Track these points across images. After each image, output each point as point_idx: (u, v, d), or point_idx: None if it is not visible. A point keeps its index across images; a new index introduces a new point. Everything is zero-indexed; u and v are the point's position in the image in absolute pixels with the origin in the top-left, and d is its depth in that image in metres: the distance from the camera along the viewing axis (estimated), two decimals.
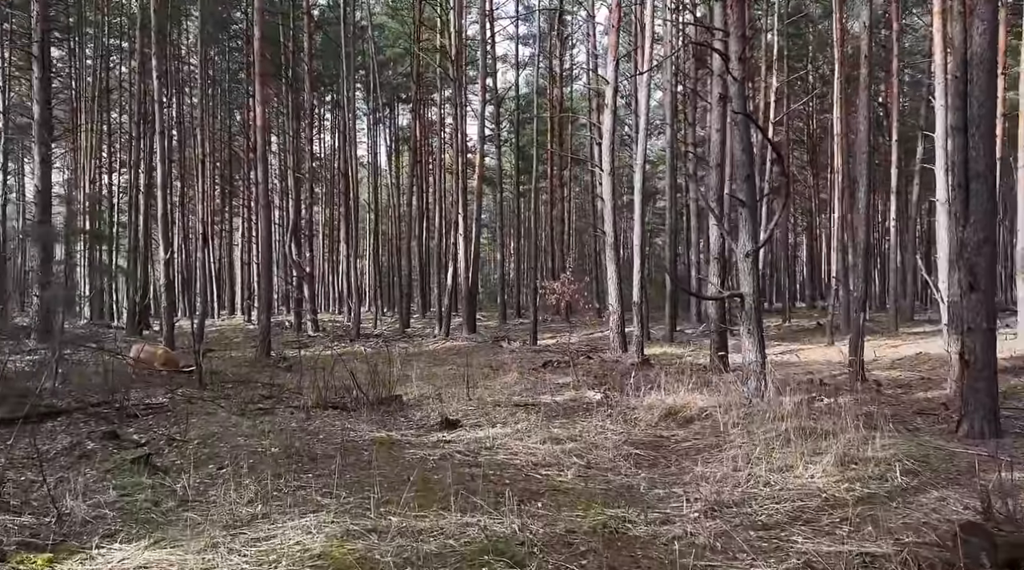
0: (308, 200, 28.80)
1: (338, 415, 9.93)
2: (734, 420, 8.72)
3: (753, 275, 10.20)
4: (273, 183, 46.69)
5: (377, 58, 29.22)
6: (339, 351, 17.85)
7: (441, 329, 23.41)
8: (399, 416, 10.04)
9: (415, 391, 11.94)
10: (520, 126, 33.44)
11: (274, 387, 12.15)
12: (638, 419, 9.20)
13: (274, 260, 44.50)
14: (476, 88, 36.81)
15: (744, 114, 9.32)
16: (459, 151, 24.46)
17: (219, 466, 6.98)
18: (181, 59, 39.68)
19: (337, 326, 29.69)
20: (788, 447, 7.43)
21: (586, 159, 43.77)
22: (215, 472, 6.81)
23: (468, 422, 9.52)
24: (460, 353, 18.15)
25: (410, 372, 13.03)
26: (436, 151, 45.76)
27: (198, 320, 21.42)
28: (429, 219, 38.45)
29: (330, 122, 47.75)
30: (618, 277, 17.27)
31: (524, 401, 10.99)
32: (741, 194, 10.14)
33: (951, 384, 11.11)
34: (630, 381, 13.09)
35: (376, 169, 41.11)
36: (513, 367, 15.01)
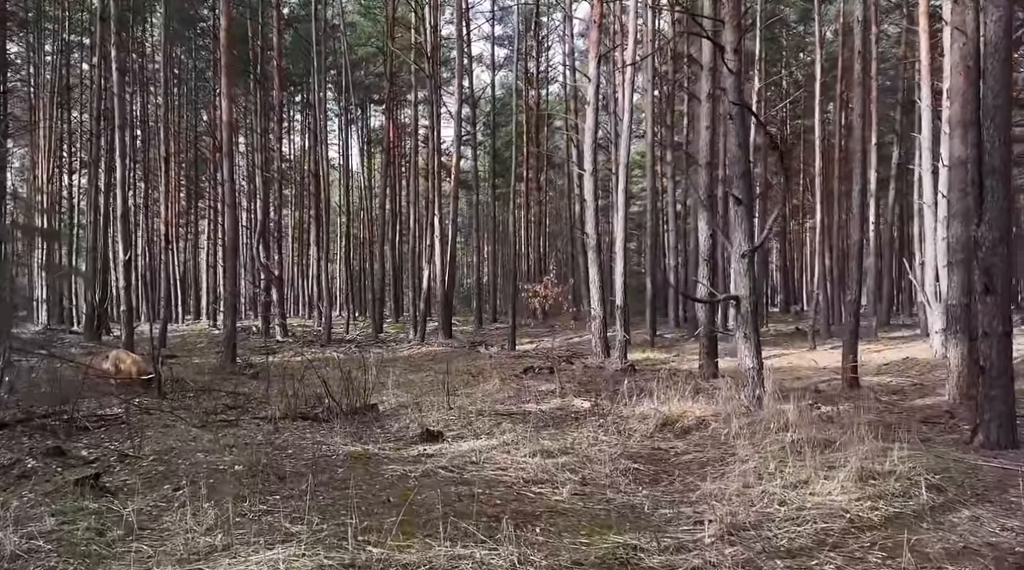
0: (277, 201, 27.92)
1: (309, 427, 9.23)
2: (735, 431, 8.18)
3: (749, 276, 9.68)
4: (241, 185, 45.68)
5: (349, 57, 28.45)
6: (309, 357, 17.07)
7: (416, 334, 22.69)
8: (375, 427, 9.36)
9: (392, 400, 11.27)
10: (496, 128, 32.85)
11: (239, 396, 11.40)
12: (632, 430, 8.62)
13: (241, 263, 43.44)
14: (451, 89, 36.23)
15: (742, 105, 8.80)
16: (434, 150, 23.79)
17: (175, 486, 6.25)
18: (146, 57, 38.55)
19: (307, 331, 28.80)
20: (799, 460, 6.90)
21: (562, 162, 43.33)
22: (170, 494, 6.09)
23: (450, 433, 8.88)
24: (437, 359, 17.46)
25: (386, 379, 12.34)
26: (410, 153, 45.02)
27: (160, 325, 20.53)
28: (402, 222, 37.68)
29: (300, 123, 46.79)
30: (600, 280, 16.72)
31: (508, 410, 10.37)
32: (737, 191, 9.63)
33: (950, 390, 10.72)
34: (618, 388, 12.55)
35: (348, 171, 40.26)
36: (493, 373, 14.38)
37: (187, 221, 42.42)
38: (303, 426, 9.24)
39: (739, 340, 9.77)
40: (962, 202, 10.55)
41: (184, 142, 40.31)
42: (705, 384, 12.19)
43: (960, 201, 10.55)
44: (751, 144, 13.07)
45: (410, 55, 25.52)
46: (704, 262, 12.84)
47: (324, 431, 8.94)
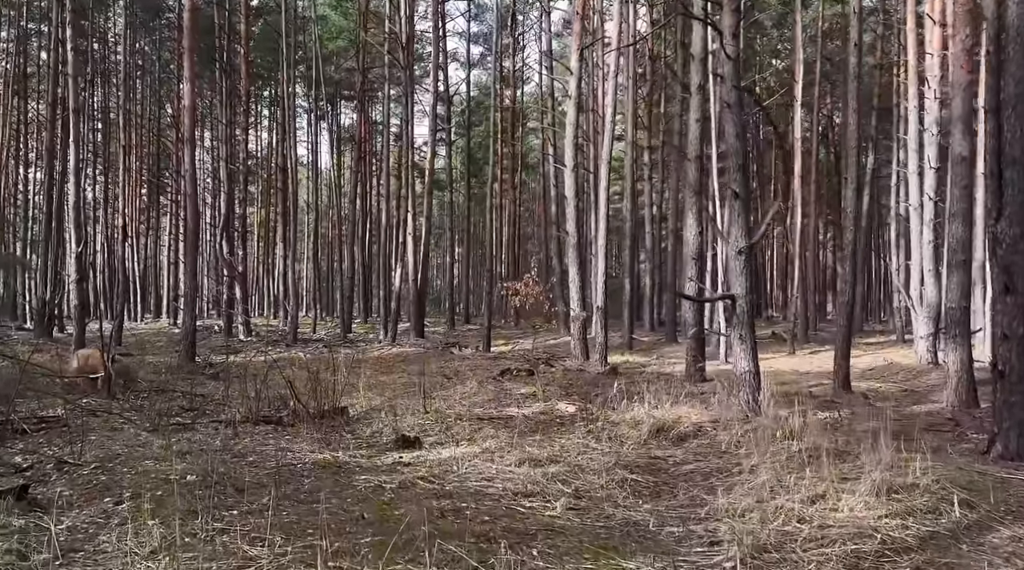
0: (243, 196, 26.93)
1: (272, 431, 8.47)
2: (736, 438, 7.61)
3: (746, 275, 9.14)
4: (205, 182, 44.41)
5: (320, 50, 27.55)
6: (274, 357, 16.24)
7: (387, 334, 21.90)
8: (345, 432, 8.63)
9: (363, 402, 10.54)
10: (469, 128, 32.21)
11: (196, 397, 10.57)
12: (624, 436, 8.01)
13: (204, 260, 42.17)
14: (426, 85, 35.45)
15: (746, 91, 8.27)
16: (408, 145, 23.04)
17: (117, 499, 5.49)
18: (108, 46, 37.26)
19: (272, 330, 27.84)
20: (812, 472, 6.33)
21: (536, 163, 42.77)
22: (111, 508, 5.33)
23: (428, 439, 8.19)
24: (409, 360, 16.72)
25: (356, 381, 11.58)
26: (381, 150, 44.15)
27: (115, 321, 19.54)
28: (372, 220, 36.84)
29: (267, 119, 45.68)
30: (581, 280, 16.13)
31: (489, 414, 9.70)
32: (735, 184, 9.09)
33: (948, 396, 10.30)
34: (603, 392, 11.95)
35: (317, 168, 39.37)
36: (470, 375, 13.72)
37: (148, 217, 41.10)
38: (266, 431, 8.49)
39: (734, 341, 9.23)
40: (963, 201, 10.13)
41: (147, 135, 39.04)
42: (694, 388, 11.66)
43: (961, 200, 10.13)
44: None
45: (384, 46, 24.73)
46: (692, 260, 12.31)
47: (289, 436, 8.20)
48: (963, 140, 10.04)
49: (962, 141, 10.04)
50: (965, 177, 10.05)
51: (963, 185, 10.04)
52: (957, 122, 10.06)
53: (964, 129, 10.04)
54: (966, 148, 10.03)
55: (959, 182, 10.06)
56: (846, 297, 11.46)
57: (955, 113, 10.12)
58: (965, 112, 10.03)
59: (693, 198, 12.31)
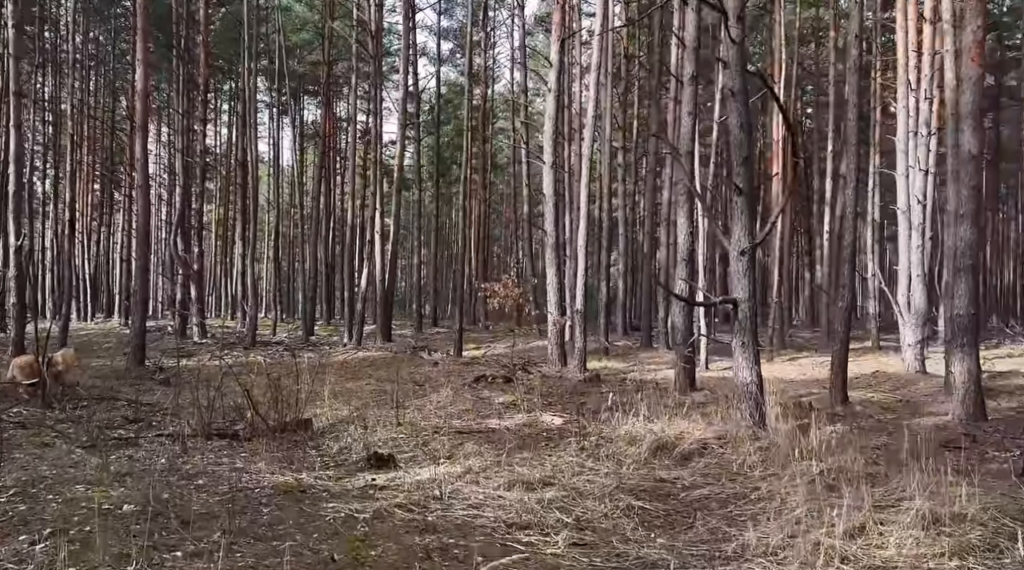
0: (199, 190, 25.68)
1: (226, 448, 7.54)
2: (747, 458, 6.90)
3: (749, 277, 8.46)
4: (161, 178, 42.79)
5: (283, 42, 26.43)
6: (230, 361, 15.20)
7: (351, 337, 20.91)
8: (310, 448, 7.74)
9: (328, 413, 9.62)
10: (439, 125, 31.30)
11: (142, 407, 9.55)
12: (622, 454, 7.24)
13: (158, 257, 40.58)
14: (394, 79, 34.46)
15: (756, 75, 7.57)
16: (377, 139, 22.08)
17: (34, 538, 4.55)
18: (60, 35, 35.57)
19: (229, 332, 26.58)
20: (838, 498, 5.63)
21: (506, 163, 41.97)
22: (25, 550, 4.40)
23: (403, 456, 7.34)
24: (376, 365, 15.79)
25: (320, 388, 10.64)
26: (346, 147, 42.97)
27: (60, 321, 18.33)
28: (336, 219, 35.71)
29: (227, 114, 44.21)
30: (559, 282, 15.38)
31: (468, 427, 8.87)
32: (739, 179, 8.39)
33: (955, 408, 9.73)
34: (588, 401, 11.19)
35: (278, 165, 38.06)
36: (443, 382, 12.86)
37: (101, 213, 39.39)
38: (219, 447, 7.55)
39: (735, 349, 8.53)
40: (971, 202, 9.57)
41: (101, 128, 37.40)
42: (686, 398, 10.96)
43: (969, 201, 9.57)
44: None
45: (351, 37, 23.73)
46: (683, 261, 11.62)
47: (246, 454, 7.28)
48: (972, 137, 9.48)
49: (971, 138, 9.48)
50: (974, 176, 9.51)
51: (972, 185, 9.49)
52: (967, 118, 9.51)
53: (974, 125, 9.49)
54: (975, 145, 9.48)
55: (967, 182, 9.50)
56: (845, 303, 10.87)
57: (964, 108, 9.57)
58: (975, 107, 9.48)
59: (684, 196, 11.64)
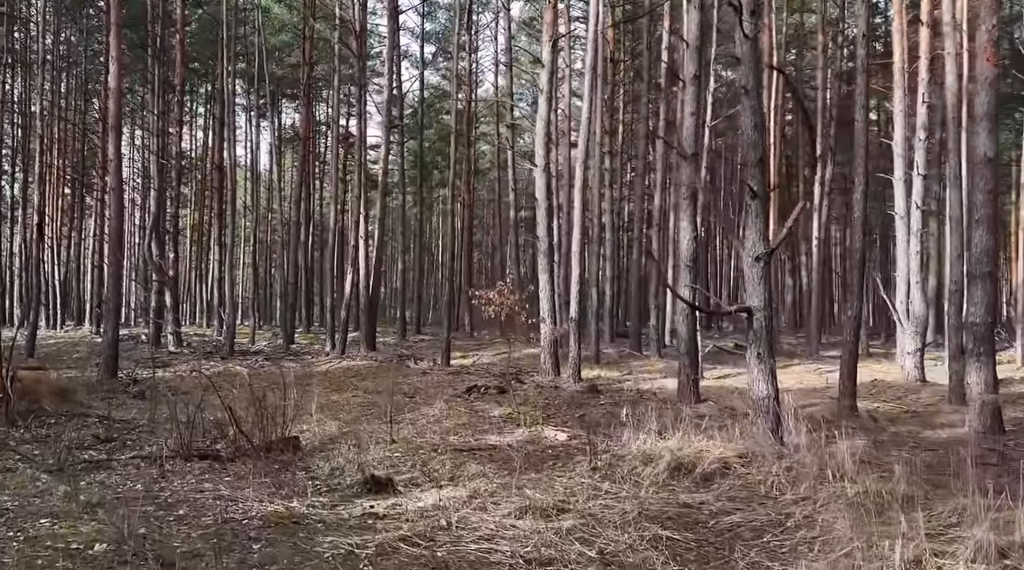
0: (175, 193, 24.89)
1: (208, 470, 6.95)
2: (773, 479, 6.44)
3: (764, 284, 8.03)
4: (134, 181, 41.77)
5: (262, 42, 25.74)
6: (209, 372, 14.54)
7: (335, 346, 20.25)
8: (299, 471, 7.16)
9: (315, 429, 9.03)
10: (422, 129, 30.76)
11: (115, 424, 8.90)
12: (638, 475, 6.76)
13: (131, 263, 39.54)
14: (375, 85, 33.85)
15: (776, 70, 7.12)
16: (362, 142, 21.46)
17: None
18: (31, 36, 34.55)
19: (205, 341, 25.79)
20: (883, 525, 5.19)
21: (487, 169, 41.48)
22: None
23: (401, 478, 6.79)
24: (362, 375, 15.19)
25: (306, 401, 10.05)
26: (326, 151, 42.27)
27: (28, 329, 17.56)
28: (315, 225, 34.99)
29: (203, 118, 43.31)
30: (551, 289, 14.88)
31: (467, 443, 8.33)
32: (753, 181, 7.96)
33: (973, 421, 9.36)
34: (589, 414, 10.71)
35: (256, 170, 37.17)
36: (433, 394, 12.33)
37: (72, 217, 38.32)
38: (201, 469, 6.96)
39: (750, 360, 8.09)
40: (987, 206, 9.23)
41: (72, 131, 36.39)
42: (690, 410, 10.51)
43: (985, 205, 9.23)
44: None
45: (334, 36, 23.10)
46: (686, 268, 11.18)
47: (230, 477, 6.69)
48: (988, 139, 9.15)
49: (987, 140, 9.16)
50: (990, 180, 9.16)
51: (988, 189, 9.15)
52: (983, 119, 9.18)
53: (990, 127, 9.15)
54: (991, 148, 9.15)
55: (983, 186, 9.16)
56: (854, 311, 10.48)
57: (979, 109, 9.24)
58: (991, 108, 9.14)
59: (688, 199, 11.21)
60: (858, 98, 10.85)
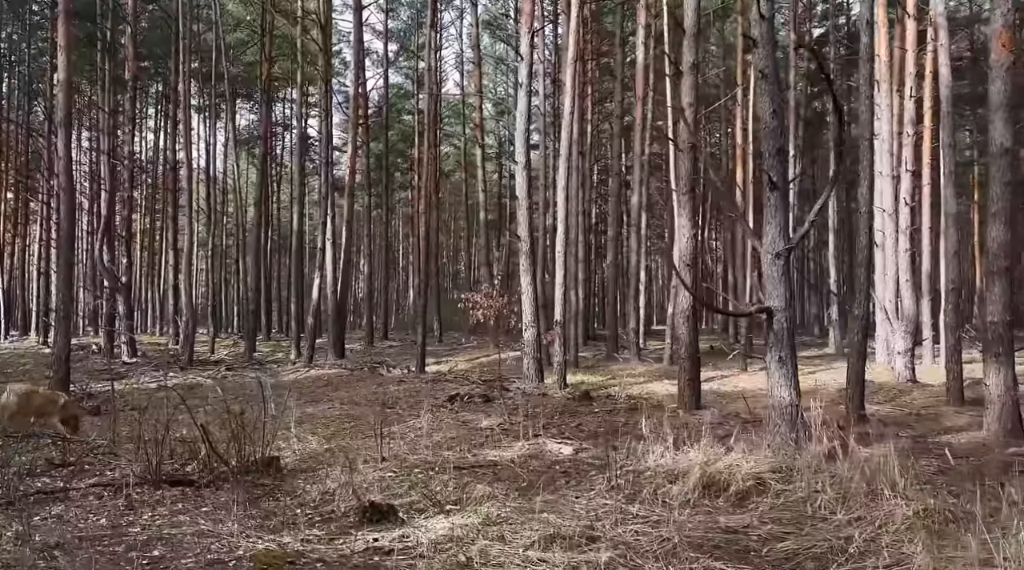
0: (127, 195, 23.64)
1: (182, 498, 6.14)
2: (820, 496, 5.85)
3: (785, 283, 7.50)
4: (83, 185, 39.99)
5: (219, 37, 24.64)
6: (170, 383, 13.57)
7: (301, 354, 19.30)
8: (283, 496, 6.38)
9: (295, 446, 8.24)
10: (387, 129, 29.93)
11: (70, 445, 7.98)
12: (665, 494, 6.13)
13: (82, 268, 37.78)
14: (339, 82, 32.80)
15: (806, 48, 6.48)
16: (327, 139, 20.57)
17: None
18: None
19: (162, 350, 24.52)
20: (955, 551, 4.65)
21: (451, 170, 40.74)
22: None
23: (400, 502, 6.06)
24: (334, 385, 14.34)
25: (282, 415, 9.21)
26: (282, 152, 41.08)
27: None
28: (274, 228, 33.82)
29: (154, 119, 41.76)
30: (535, 291, 14.22)
31: (465, 460, 7.63)
32: (772, 172, 7.43)
33: (991, 424, 8.97)
34: (581, 423, 10.08)
35: (211, 172, 35.89)
36: (415, 404, 11.57)
37: (16, 223, 36.50)
38: (173, 498, 6.14)
39: (771, 364, 7.55)
40: (1004, 199, 8.85)
41: (15, 133, 34.65)
42: (692, 417, 9.95)
43: (1002, 198, 8.84)
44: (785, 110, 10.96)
45: (295, 31, 22.16)
46: (686, 267, 10.63)
47: (207, 507, 5.90)
48: (1004, 129, 8.78)
49: (1003, 130, 8.79)
50: (1007, 172, 8.79)
51: (1004, 181, 8.78)
52: (998, 109, 8.81)
53: (1006, 116, 8.78)
54: (1008, 138, 8.78)
55: (1000, 177, 8.78)
56: (861, 310, 10.04)
57: (994, 98, 8.87)
58: (1006, 96, 8.77)
59: (687, 195, 10.68)
60: (863, 88, 10.44)
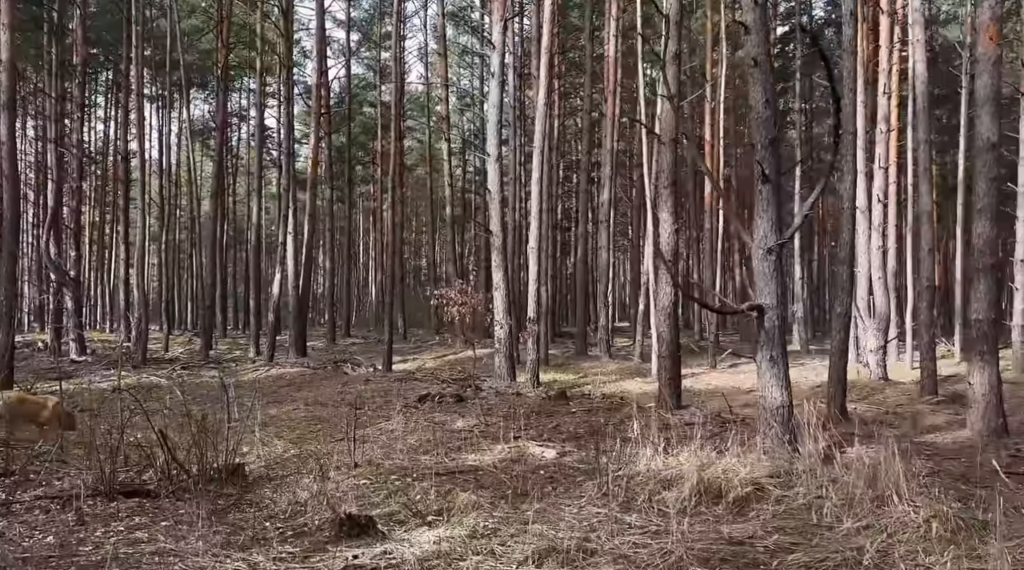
0: (75, 185, 22.61)
1: (139, 512, 5.64)
2: (823, 503, 5.59)
3: (777, 280, 7.24)
4: (27, 175, 38.39)
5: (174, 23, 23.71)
6: (123, 383, 12.87)
7: (260, 352, 18.62)
8: (252, 508, 5.91)
9: (261, 451, 7.75)
10: (351, 120, 29.24)
11: (13, 452, 7.37)
12: (660, 502, 5.81)
13: (28, 261, 36.29)
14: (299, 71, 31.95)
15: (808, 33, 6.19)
16: (289, 128, 19.84)
17: None
18: None
19: (112, 348, 23.55)
20: (972, 558, 4.42)
21: (414, 164, 40.08)
22: None
23: (378, 513, 5.64)
24: (297, 384, 13.79)
25: (244, 417, 8.68)
26: (239, 143, 40.04)
27: None
28: (230, 221, 32.85)
29: (103, 109, 40.36)
30: (507, 287, 13.82)
31: (444, 465, 7.22)
32: (765, 164, 7.15)
33: (974, 423, 8.86)
34: (559, 424, 9.73)
35: (164, 164, 34.75)
36: (384, 404, 11.12)
37: None
38: (129, 511, 5.64)
39: (761, 364, 7.28)
40: (990, 195, 8.74)
41: None
42: (674, 418, 9.67)
43: (988, 194, 8.73)
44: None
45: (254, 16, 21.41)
46: (668, 263, 10.33)
47: (167, 521, 5.41)
48: (991, 124, 8.67)
49: (990, 125, 8.68)
50: (993, 166, 8.68)
51: (990, 176, 8.67)
52: (985, 103, 8.70)
53: (992, 111, 8.67)
54: (994, 132, 8.67)
55: (985, 173, 8.66)
56: (844, 307, 9.87)
57: (981, 93, 8.74)
58: (993, 90, 8.66)
59: (668, 189, 10.39)
60: (846, 82, 10.27)
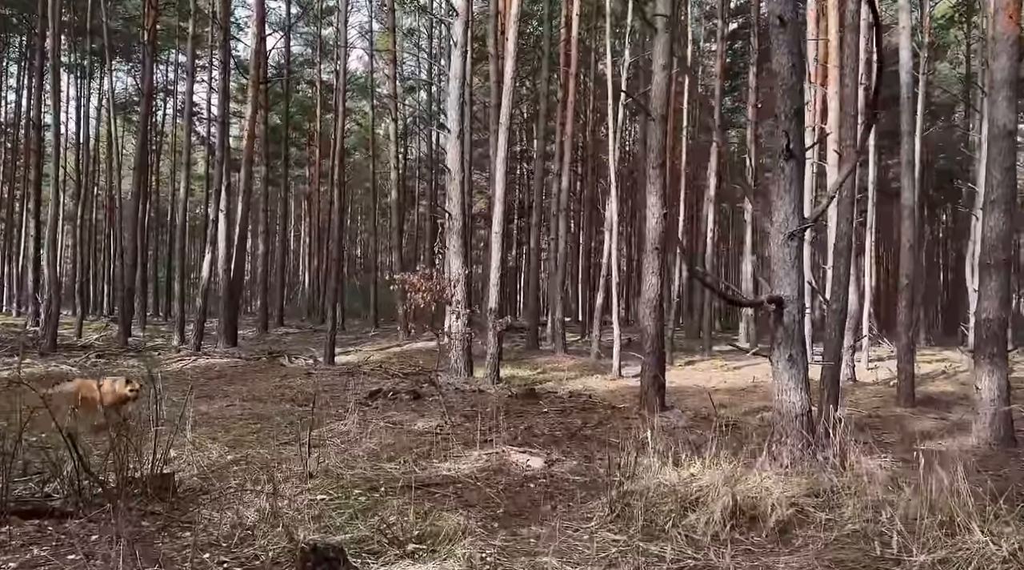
0: None
1: (41, 538, 4.43)
2: (870, 525, 4.77)
3: (798, 269, 6.43)
4: None
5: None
6: (26, 371, 11.33)
7: (185, 340, 17.03)
8: (181, 530, 4.74)
9: (192, 456, 6.52)
10: (288, 97, 27.61)
11: None
12: (686, 525, 4.89)
13: None
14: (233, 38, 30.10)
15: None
16: (225, 94, 18.20)
17: None
18: None
19: (16, 333, 21.46)
20: None
21: (353, 147, 38.43)
22: None
23: (346, 539, 4.56)
24: (229, 377, 12.40)
25: (177, 419, 7.39)
26: (164, 118, 37.82)
27: None
28: (151, 201, 30.73)
29: (15, 78, 37.53)
30: (466, 275, 12.75)
31: (414, 476, 6.12)
32: (790, 137, 6.33)
33: (982, 431, 8.30)
34: (531, 425, 8.75)
35: (81, 138, 32.33)
36: (330, 401, 9.92)
37: None
38: (28, 538, 4.41)
39: (777, 363, 6.46)
40: (1005, 186, 8.15)
41: None
42: (660, 420, 8.82)
43: (1003, 185, 8.14)
44: None
45: None
46: (654, 251, 9.46)
47: (76, 554, 4.19)
48: (1008, 109, 8.08)
49: (1007, 110, 8.09)
50: (1009, 155, 8.10)
51: (1006, 165, 8.08)
52: (1003, 86, 8.09)
53: (1010, 95, 8.07)
54: (1011, 118, 8.10)
55: (1000, 161, 8.07)
56: (840, 304, 9.20)
57: (999, 76, 8.15)
58: (1011, 74, 8.07)
59: (657, 170, 9.49)
60: (848, 61, 9.60)
